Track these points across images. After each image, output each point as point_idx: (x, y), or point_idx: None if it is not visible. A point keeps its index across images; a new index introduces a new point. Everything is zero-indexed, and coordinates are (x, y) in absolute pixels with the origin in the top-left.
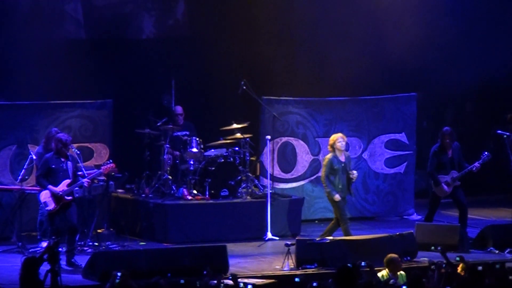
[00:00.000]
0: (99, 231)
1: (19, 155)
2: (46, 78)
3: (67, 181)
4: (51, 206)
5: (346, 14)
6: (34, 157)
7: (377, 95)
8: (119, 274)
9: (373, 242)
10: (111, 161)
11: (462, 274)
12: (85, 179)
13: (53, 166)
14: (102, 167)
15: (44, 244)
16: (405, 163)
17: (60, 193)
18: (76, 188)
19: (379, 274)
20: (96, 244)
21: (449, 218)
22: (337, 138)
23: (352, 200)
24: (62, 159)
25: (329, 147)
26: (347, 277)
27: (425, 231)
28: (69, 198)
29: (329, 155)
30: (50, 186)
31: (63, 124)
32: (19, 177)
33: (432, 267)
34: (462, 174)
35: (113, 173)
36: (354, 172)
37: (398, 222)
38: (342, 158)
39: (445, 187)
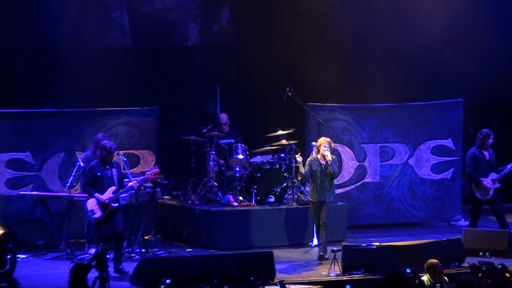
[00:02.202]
0: (146, 237)
1: (67, 162)
2: (92, 85)
3: (113, 188)
4: (98, 214)
5: (392, 20)
6: (82, 164)
7: (423, 101)
8: (168, 281)
9: (420, 248)
10: (156, 166)
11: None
12: (134, 181)
13: (98, 174)
14: (148, 172)
15: (92, 251)
16: (452, 169)
17: (106, 200)
18: (124, 195)
19: (422, 279)
20: (143, 250)
21: (494, 223)
22: (323, 143)
23: (398, 206)
24: (107, 167)
25: (315, 148)
26: (398, 283)
27: (473, 237)
28: (116, 205)
29: (310, 157)
30: (96, 194)
31: (110, 131)
32: (68, 184)
33: (480, 274)
34: (502, 175)
35: (159, 180)
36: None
37: (445, 228)
38: (322, 161)
39: (488, 184)
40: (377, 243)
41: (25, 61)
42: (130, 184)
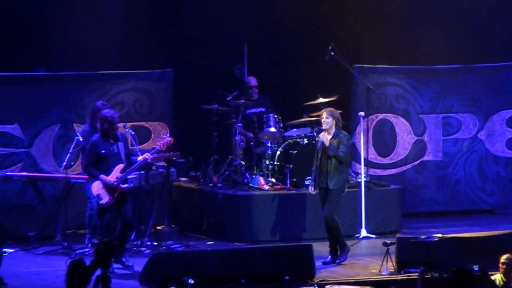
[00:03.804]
0: (158, 228)
1: (63, 136)
2: (94, 44)
3: (121, 166)
4: (105, 199)
5: None
6: (81, 139)
7: (497, 62)
8: (191, 281)
9: (491, 240)
10: (168, 134)
11: None
12: (147, 154)
13: (102, 152)
14: (159, 143)
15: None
16: None
17: (115, 182)
18: (133, 176)
19: (493, 278)
20: (155, 244)
21: None
22: (322, 115)
23: (465, 190)
24: (111, 141)
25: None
26: (464, 283)
27: None
28: (125, 186)
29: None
30: (102, 176)
31: (114, 99)
32: (64, 163)
33: None
34: None
35: (174, 158)
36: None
37: None
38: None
39: None
40: (439, 235)
41: (9, 13)
42: (140, 158)
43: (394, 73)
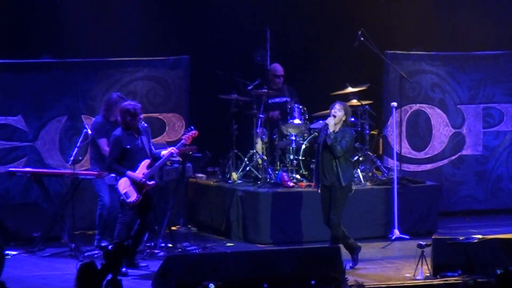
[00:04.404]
0: (173, 228)
1: (70, 128)
2: (104, 29)
3: (147, 161)
4: (133, 196)
5: None
6: (90, 132)
7: None
8: (212, 285)
9: None
10: (192, 127)
11: None
12: (173, 148)
13: (128, 146)
14: (184, 136)
15: (104, 245)
16: None
17: (143, 179)
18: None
19: None
20: (170, 245)
21: None
22: (334, 105)
23: (508, 186)
24: (136, 135)
25: None
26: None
27: None
28: (152, 183)
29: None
30: (129, 172)
31: (126, 89)
32: (71, 158)
33: None
34: None
35: (190, 152)
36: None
37: None
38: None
39: None
40: (479, 236)
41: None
42: (165, 152)
43: (430, 60)
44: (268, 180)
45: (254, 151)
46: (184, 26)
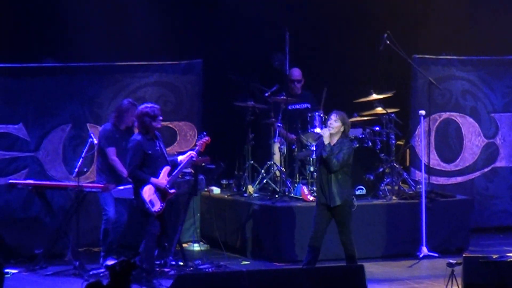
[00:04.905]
0: (184, 245)
1: (75, 138)
2: (111, 31)
3: (167, 168)
4: (157, 205)
5: None
6: (96, 141)
7: None
8: None
9: None
10: (205, 133)
11: None
12: (192, 152)
13: (149, 152)
14: (198, 143)
15: (111, 263)
16: None
17: (168, 185)
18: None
19: None
20: (181, 263)
21: None
22: (331, 115)
23: None
24: (154, 140)
25: None
26: None
27: None
28: (173, 191)
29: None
30: (153, 179)
31: (135, 95)
32: (76, 170)
33: None
34: None
35: (203, 164)
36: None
37: None
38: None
39: None
40: None
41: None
42: (183, 158)
43: (461, 65)
44: (286, 193)
45: (272, 162)
46: (197, 28)
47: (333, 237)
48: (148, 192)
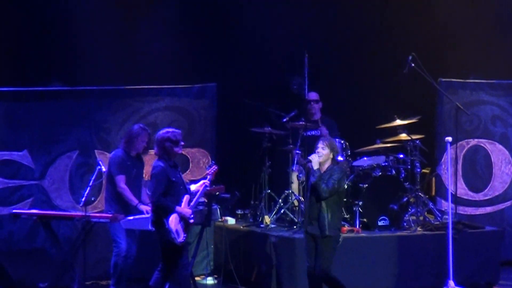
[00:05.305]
0: (197, 278)
1: (82, 165)
2: (120, 54)
3: (188, 197)
4: (182, 236)
5: None
6: (104, 169)
7: None
8: None
9: None
10: (213, 162)
11: None
12: (205, 181)
13: (173, 179)
14: (208, 172)
15: None
16: None
17: (192, 215)
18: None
19: None
20: None
21: None
22: (319, 142)
23: None
24: (178, 167)
25: None
26: None
27: None
28: (192, 221)
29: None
30: (178, 207)
31: (145, 120)
32: (83, 199)
33: None
34: None
35: (217, 193)
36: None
37: None
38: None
39: None
40: None
41: (21, 16)
42: (196, 187)
43: (490, 89)
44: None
45: (290, 191)
46: (211, 50)
47: (358, 269)
48: (174, 221)
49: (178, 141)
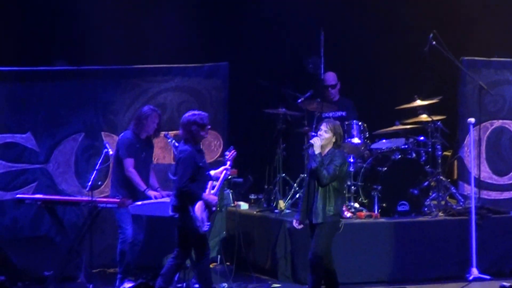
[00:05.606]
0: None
1: (88, 148)
2: (128, 32)
3: (211, 183)
4: (206, 224)
5: None
6: (111, 152)
7: None
8: None
9: None
10: (232, 147)
11: None
12: (225, 167)
13: (200, 164)
14: (228, 157)
15: (128, 286)
16: None
17: (217, 202)
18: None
19: None
20: None
21: None
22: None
23: None
24: (203, 152)
25: None
26: None
27: None
28: (215, 208)
29: None
30: (205, 194)
31: (154, 101)
32: (89, 183)
33: None
34: None
35: (230, 177)
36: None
37: None
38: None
39: None
40: None
41: None
42: (216, 173)
43: None
44: None
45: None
46: (223, 28)
47: (375, 257)
48: (200, 209)
49: (204, 124)
